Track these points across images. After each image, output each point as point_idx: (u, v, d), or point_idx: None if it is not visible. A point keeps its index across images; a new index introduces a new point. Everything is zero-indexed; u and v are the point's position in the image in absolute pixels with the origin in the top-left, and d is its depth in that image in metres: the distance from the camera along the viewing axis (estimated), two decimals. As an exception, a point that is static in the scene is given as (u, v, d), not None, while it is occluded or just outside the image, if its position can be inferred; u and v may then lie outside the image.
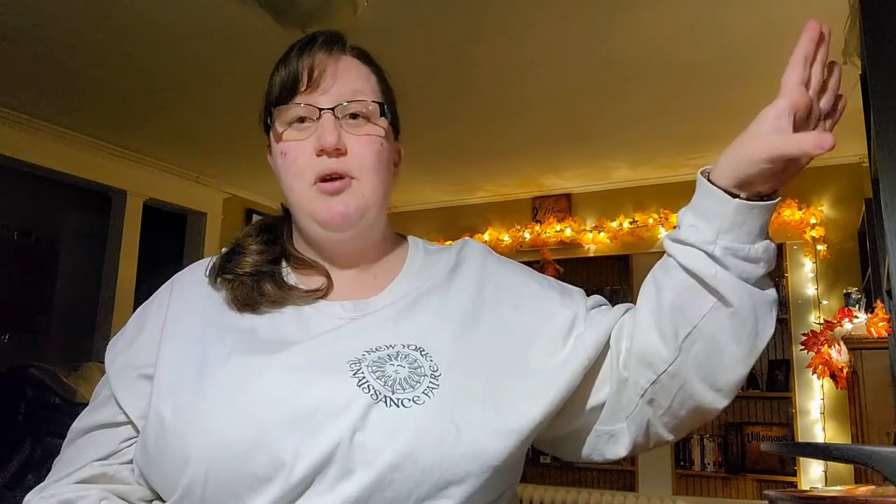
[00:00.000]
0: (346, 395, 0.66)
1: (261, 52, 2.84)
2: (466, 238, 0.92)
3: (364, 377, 0.67)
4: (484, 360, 0.72)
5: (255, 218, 5.04)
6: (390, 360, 0.70)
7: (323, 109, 0.76)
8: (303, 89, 0.77)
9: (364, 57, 0.82)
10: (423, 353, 0.71)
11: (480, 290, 0.81)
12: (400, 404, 0.65)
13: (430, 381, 0.68)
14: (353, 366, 0.68)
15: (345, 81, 0.78)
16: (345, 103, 0.77)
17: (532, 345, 0.75)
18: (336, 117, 0.76)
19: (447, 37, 2.81)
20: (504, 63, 3.03)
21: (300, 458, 0.62)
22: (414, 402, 0.66)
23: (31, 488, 0.73)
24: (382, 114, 0.79)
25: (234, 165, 4.51)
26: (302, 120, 0.77)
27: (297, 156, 0.76)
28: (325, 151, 0.75)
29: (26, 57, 2.99)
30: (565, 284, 0.85)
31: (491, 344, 0.74)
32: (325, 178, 0.76)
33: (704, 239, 0.67)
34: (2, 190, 4.08)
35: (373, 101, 0.79)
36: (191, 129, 3.90)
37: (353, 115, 0.77)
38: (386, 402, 0.65)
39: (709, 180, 0.67)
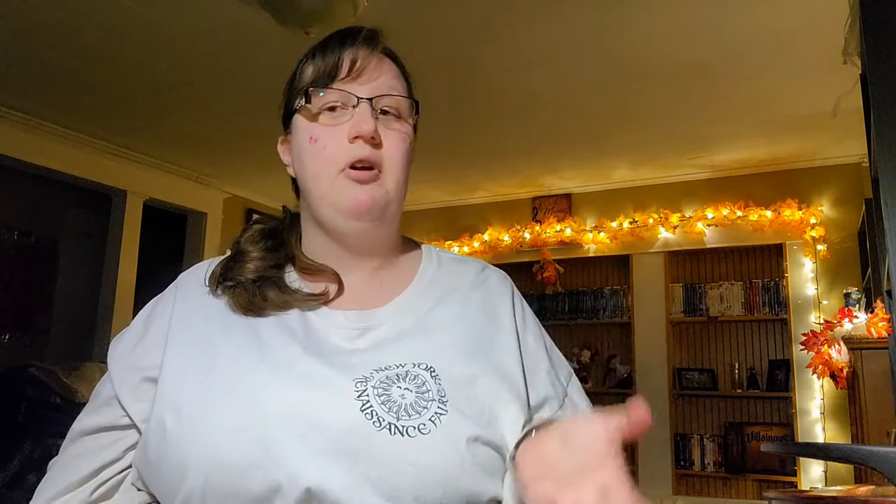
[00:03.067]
0: (349, 420, 0.64)
1: (261, 52, 2.84)
2: (488, 264, 0.89)
3: (368, 401, 0.66)
4: (492, 388, 0.71)
5: (256, 218, 5.05)
6: (398, 380, 0.68)
7: (361, 98, 0.75)
8: (342, 77, 0.76)
9: (395, 57, 0.83)
10: (432, 373, 0.70)
11: (498, 320, 0.80)
12: (405, 433, 0.64)
13: (439, 406, 0.67)
14: (359, 385, 0.67)
15: (383, 76, 0.78)
16: (382, 96, 0.77)
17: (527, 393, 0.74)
18: (372, 109, 0.76)
19: (447, 37, 2.81)
20: (504, 63, 3.03)
21: (296, 482, 0.61)
22: (420, 430, 0.64)
23: (31, 488, 0.73)
24: (416, 111, 0.80)
25: (234, 165, 4.51)
26: (333, 109, 0.76)
27: (327, 142, 0.75)
28: (362, 138, 0.74)
29: (27, 57, 2.99)
30: (562, 358, 0.84)
31: (502, 375, 0.73)
32: (356, 167, 0.74)
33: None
34: (2, 190, 4.08)
35: (407, 98, 0.80)
36: (191, 128, 3.90)
37: (384, 112, 0.77)
38: (390, 429, 0.64)
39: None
